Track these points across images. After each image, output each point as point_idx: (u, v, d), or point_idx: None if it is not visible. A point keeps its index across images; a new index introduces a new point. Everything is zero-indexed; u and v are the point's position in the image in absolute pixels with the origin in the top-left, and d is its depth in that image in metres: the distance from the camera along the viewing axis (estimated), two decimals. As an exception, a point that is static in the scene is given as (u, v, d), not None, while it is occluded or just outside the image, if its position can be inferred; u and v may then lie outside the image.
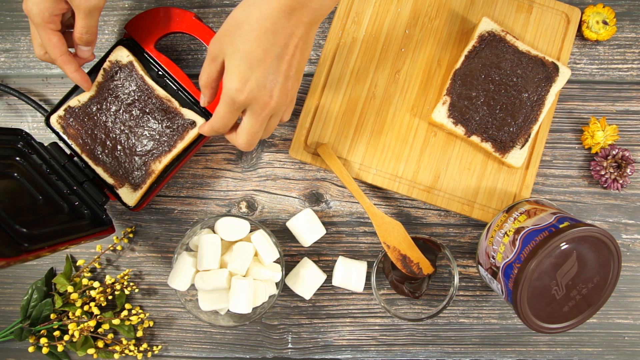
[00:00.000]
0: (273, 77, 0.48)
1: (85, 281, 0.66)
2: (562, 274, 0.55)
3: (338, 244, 0.68)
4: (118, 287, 0.67)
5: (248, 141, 0.52)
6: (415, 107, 0.66)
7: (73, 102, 0.62)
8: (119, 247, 0.68)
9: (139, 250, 0.69)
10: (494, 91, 0.64)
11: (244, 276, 0.61)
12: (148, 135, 0.62)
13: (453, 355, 0.68)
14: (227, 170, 0.68)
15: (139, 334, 0.67)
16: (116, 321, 0.65)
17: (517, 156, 0.64)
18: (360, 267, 0.66)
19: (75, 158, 0.62)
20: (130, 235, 0.68)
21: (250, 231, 0.64)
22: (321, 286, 0.67)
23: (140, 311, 0.67)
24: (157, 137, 0.62)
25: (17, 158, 0.59)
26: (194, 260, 0.61)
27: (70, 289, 0.66)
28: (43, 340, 0.65)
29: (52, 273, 0.69)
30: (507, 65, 0.64)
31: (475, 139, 0.64)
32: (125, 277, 0.67)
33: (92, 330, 0.66)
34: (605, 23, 0.67)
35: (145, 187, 0.62)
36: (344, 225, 0.68)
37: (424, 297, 0.67)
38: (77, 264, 0.68)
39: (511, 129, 0.64)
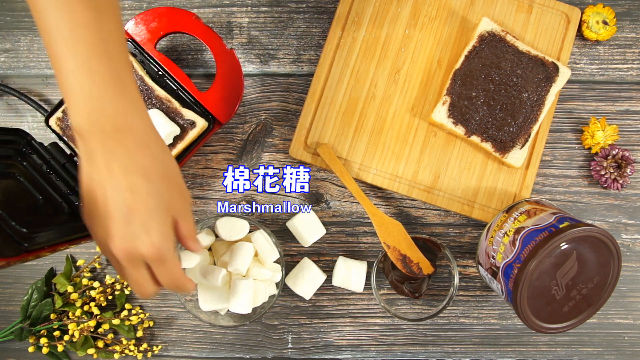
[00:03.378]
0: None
1: (85, 281, 0.66)
2: (562, 274, 0.55)
3: (338, 244, 0.68)
4: (118, 287, 0.67)
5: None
6: (415, 107, 0.66)
7: None
8: (119, 247, 0.68)
9: (139, 250, 0.69)
10: (494, 91, 0.64)
11: (244, 276, 0.61)
12: (148, 135, 0.62)
13: (453, 355, 0.68)
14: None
15: (139, 334, 0.67)
16: (116, 321, 0.65)
17: (517, 156, 0.64)
18: (360, 267, 0.66)
19: (75, 158, 0.62)
20: (130, 235, 0.68)
21: (250, 231, 0.64)
22: (321, 286, 0.67)
23: (140, 311, 0.67)
24: (157, 137, 0.62)
25: (18, 158, 0.59)
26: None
27: (70, 289, 0.66)
28: (43, 340, 0.65)
29: (52, 273, 0.69)
30: (507, 65, 0.64)
31: (475, 139, 0.64)
32: (125, 277, 0.67)
33: (92, 330, 0.66)
34: (605, 23, 0.67)
35: (145, 187, 0.62)
36: (344, 225, 0.68)
37: (424, 297, 0.67)
38: (77, 264, 0.68)
39: (511, 129, 0.64)
